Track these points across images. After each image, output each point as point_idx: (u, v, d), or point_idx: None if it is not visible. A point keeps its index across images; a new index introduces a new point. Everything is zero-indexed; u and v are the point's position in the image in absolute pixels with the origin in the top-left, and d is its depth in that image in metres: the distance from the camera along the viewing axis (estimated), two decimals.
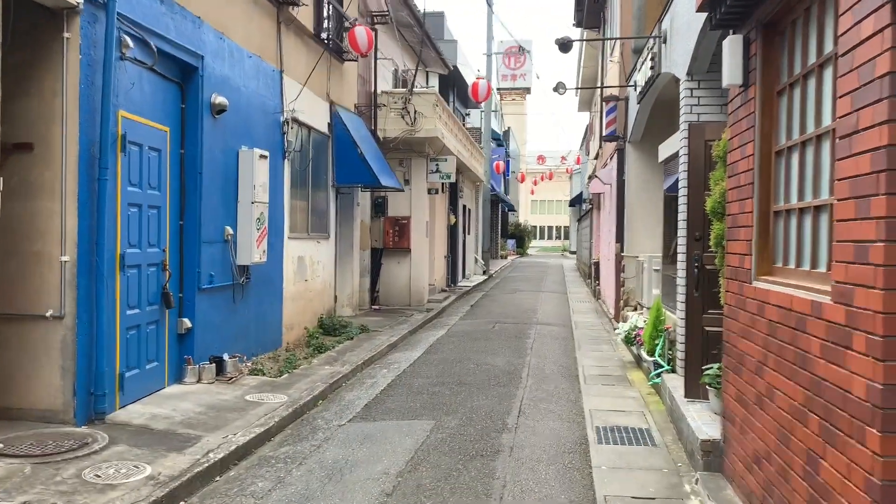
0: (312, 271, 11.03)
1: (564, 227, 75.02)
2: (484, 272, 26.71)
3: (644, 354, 8.44)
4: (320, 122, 11.41)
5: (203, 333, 7.62)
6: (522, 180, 43.06)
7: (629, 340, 9.31)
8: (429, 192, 16.13)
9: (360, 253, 14.12)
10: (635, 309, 12.17)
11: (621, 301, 12.75)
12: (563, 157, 48.89)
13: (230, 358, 7.81)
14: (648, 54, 9.61)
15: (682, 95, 7.55)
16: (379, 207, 15.69)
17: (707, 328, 6.35)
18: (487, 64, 27.50)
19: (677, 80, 9.90)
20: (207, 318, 7.72)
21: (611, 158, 15.03)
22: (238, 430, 5.91)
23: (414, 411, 6.82)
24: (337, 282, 13.23)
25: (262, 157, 8.54)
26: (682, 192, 7.15)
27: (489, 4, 26.61)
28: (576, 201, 42.51)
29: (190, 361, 7.39)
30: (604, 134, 12.89)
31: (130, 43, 6.18)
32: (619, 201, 13.13)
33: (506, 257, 42.80)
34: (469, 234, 25.45)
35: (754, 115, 4.43)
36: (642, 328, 9.05)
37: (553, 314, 14.90)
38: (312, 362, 8.94)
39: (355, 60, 12.82)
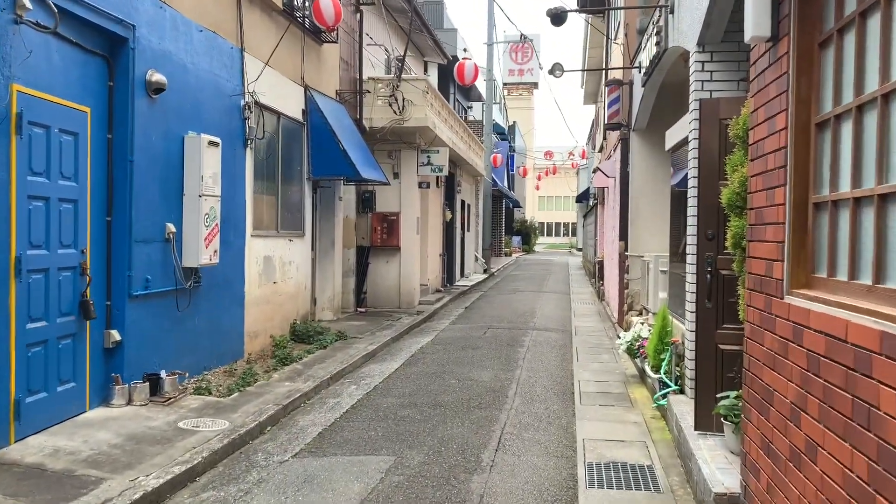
0: (283, 272, 10.00)
1: (572, 223, 73.87)
2: (484, 271, 25.64)
3: (648, 370, 7.36)
4: (293, 108, 10.37)
5: (136, 347, 6.60)
6: (525, 174, 41.91)
7: (632, 352, 8.24)
8: (420, 185, 15.07)
9: (343, 252, 13.09)
10: (640, 313, 11.11)
11: (625, 305, 11.67)
12: (571, 153, 47.71)
13: (168, 375, 6.77)
14: (654, 28, 8.52)
15: (692, 70, 6.48)
16: (366, 202, 14.64)
17: (722, 346, 5.27)
18: (488, 53, 26.40)
19: (686, 60, 8.84)
20: (142, 330, 6.69)
21: (614, 150, 13.92)
22: (154, 470, 4.88)
23: (373, 443, 5.76)
24: (316, 283, 12.21)
25: (211, 143, 7.50)
26: (692, 182, 6.08)
27: None
28: (582, 197, 41.38)
29: (118, 380, 6.37)
30: (606, 122, 11.81)
31: (28, 3, 5.15)
32: (623, 196, 12.05)
33: (510, 254, 41.70)
34: (468, 230, 24.38)
35: (788, 75, 3.35)
36: (646, 339, 7.97)
37: (552, 318, 13.82)
38: (272, 377, 7.91)
39: (335, 42, 11.77)
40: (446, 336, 11.33)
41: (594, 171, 22.73)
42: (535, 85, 53.10)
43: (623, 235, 12.07)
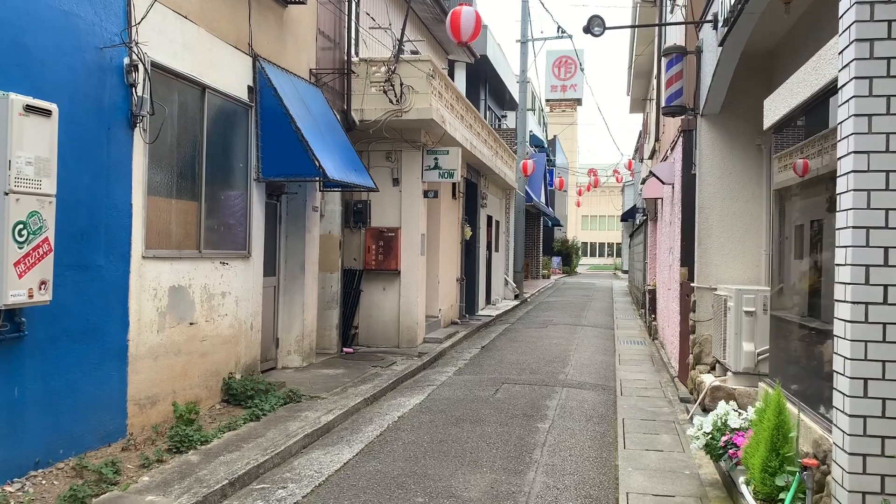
0: (208, 308, 7.15)
1: (617, 244, 70.34)
2: (515, 296, 22.53)
3: (748, 495, 4.24)
4: (230, 81, 7.57)
5: None
6: (561, 187, 38.81)
7: (714, 451, 5.12)
8: (426, 194, 12.15)
9: (320, 277, 10.22)
10: (713, 368, 7.98)
11: (690, 354, 8.53)
12: (616, 171, 44.60)
13: None
14: None
15: None
16: (358, 215, 11.78)
17: None
18: (521, 52, 23.44)
19: (787, 2, 5.82)
20: None
21: (671, 149, 10.82)
22: None
23: None
24: (279, 319, 9.35)
25: (33, 109, 4.68)
26: (855, 162, 3.05)
27: None
28: (628, 215, 38.05)
29: None
30: (663, 105, 8.76)
31: None
32: (687, 207, 8.95)
33: (548, 276, 38.47)
34: (497, 250, 21.33)
35: None
36: (740, 433, 4.87)
37: (590, 366, 10.69)
38: (139, 481, 5.02)
39: (303, 3, 8.97)
40: (442, 396, 8.31)
41: (642, 183, 19.59)
42: (579, 101, 50.08)
43: (686, 260, 8.95)
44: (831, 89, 3.83)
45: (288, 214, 9.46)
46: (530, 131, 31.76)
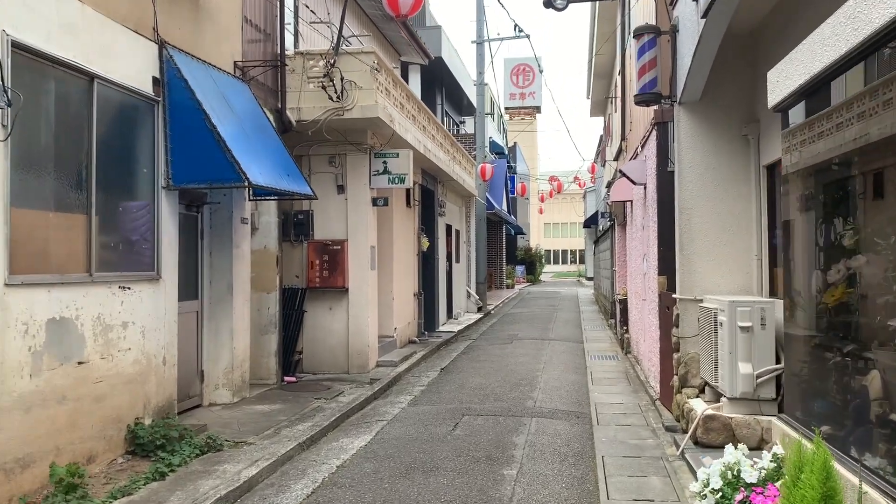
0: (105, 343, 5.90)
1: (580, 250, 69.90)
2: (479, 309, 21.44)
3: None
4: (130, 72, 6.36)
5: None
6: (524, 193, 38.03)
7: None
8: (375, 202, 11.00)
9: (251, 298, 8.99)
10: (702, 391, 6.99)
11: (675, 376, 7.51)
12: (577, 177, 44.00)
13: None
14: None
15: None
16: (299, 227, 10.60)
17: None
18: (478, 53, 22.49)
19: None
20: None
21: (642, 145, 9.86)
22: None
23: None
24: (203, 349, 8.12)
25: None
26: None
27: None
28: (591, 222, 37.45)
29: None
30: (635, 93, 7.76)
31: None
32: (664, 208, 7.97)
33: (513, 286, 37.54)
34: (458, 261, 20.25)
35: None
36: (758, 489, 3.82)
37: (561, 388, 9.62)
38: None
39: None
40: (392, 434, 7.14)
41: (607, 187, 18.72)
42: (538, 109, 49.44)
43: (665, 268, 7.97)
44: (878, 40, 2.81)
45: (212, 228, 8.24)
46: (490, 137, 30.84)
